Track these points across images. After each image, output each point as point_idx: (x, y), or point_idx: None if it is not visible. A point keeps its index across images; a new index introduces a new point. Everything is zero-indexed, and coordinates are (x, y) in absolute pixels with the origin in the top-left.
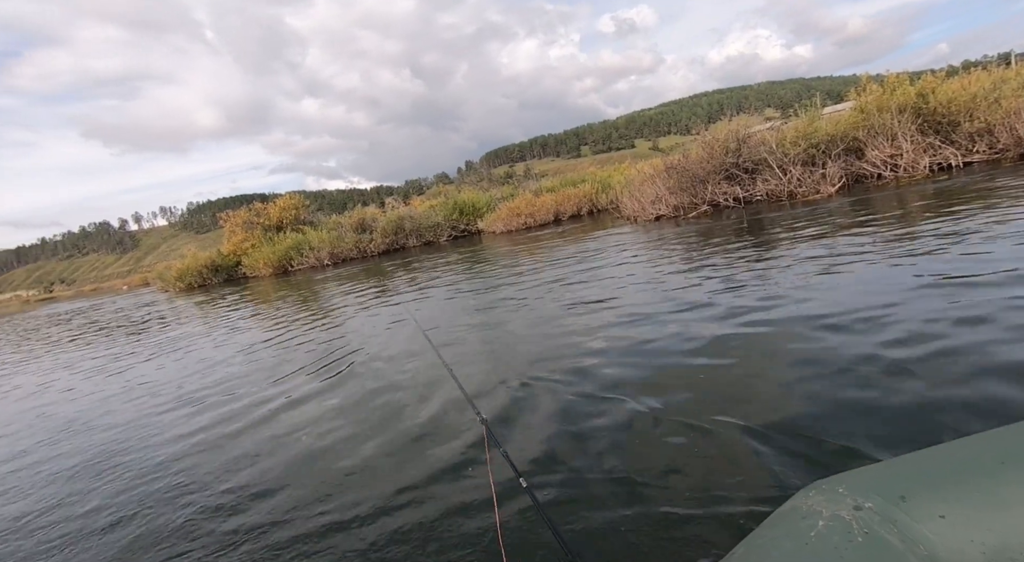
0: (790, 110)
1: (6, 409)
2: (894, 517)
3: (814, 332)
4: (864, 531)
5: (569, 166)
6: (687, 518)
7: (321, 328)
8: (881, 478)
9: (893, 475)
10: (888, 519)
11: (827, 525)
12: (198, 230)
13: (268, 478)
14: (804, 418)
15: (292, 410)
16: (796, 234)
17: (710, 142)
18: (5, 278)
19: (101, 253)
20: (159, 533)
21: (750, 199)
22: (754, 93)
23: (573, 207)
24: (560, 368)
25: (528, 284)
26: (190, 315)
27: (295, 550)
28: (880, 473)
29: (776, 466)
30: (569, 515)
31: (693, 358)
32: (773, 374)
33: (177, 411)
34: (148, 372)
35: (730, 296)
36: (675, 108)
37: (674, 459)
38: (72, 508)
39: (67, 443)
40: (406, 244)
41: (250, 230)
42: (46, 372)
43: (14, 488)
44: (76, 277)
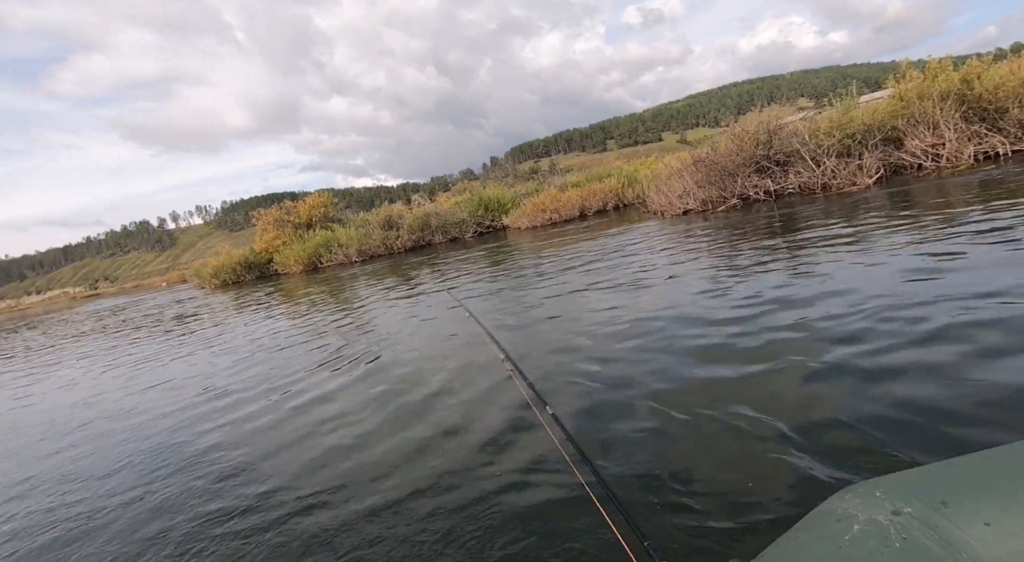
0: (824, 99)
1: (55, 401)
2: (935, 523)
3: (851, 331)
4: (902, 536)
5: (595, 161)
6: (716, 517)
7: (355, 320)
8: (921, 483)
9: (934, 480)
10: (928, 524)
11: (863, 529)
12: (232, 228)
13: (329, 457)
14: (840, 420)
15: (343, 395)
16: (830, 228)
17: (739, 134)
18: (54, 276)
19: (141, 251)
20: (221, 518)
21: (782, 192)
22: (786, 83)
23: (599, 202)
24: (585, 365)
25: (553, 280)
26: (226, 311)
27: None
28: (920, 478)
29: (811, 469)
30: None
31: (722, 355)
32: (808, 374)
33: (217, 401)
34: (198, 363)
35: (761, 291)
36: (703, 100)
37: (702, 457)
38: (124, 494)
39: (121, 432)
40: (432, 240)
41: (281, 228)
42: (94, 365)
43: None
44: (119, 274)
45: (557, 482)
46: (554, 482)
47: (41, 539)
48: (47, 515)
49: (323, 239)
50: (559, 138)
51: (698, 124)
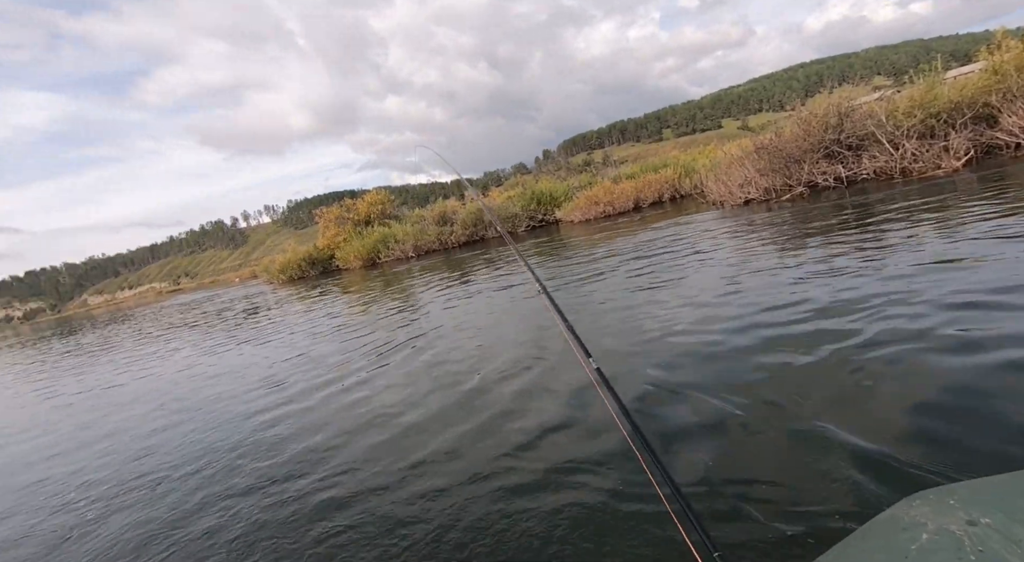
0: (904, 77)
1: (141, 385)
2: (1019, 537)
3: (929, 331)
4: (978, 549)
5: (650, 151)
6: (782, 522)
7: (414, 312)
8: (1004, 491)
9: (1016, 490)
10: (1010, 538)
11: (932, 539)
12: (297, 226)
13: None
14: (918, 425)
15: (406, 382)
16: (910, 216)
17: (807, 118)
18: (143, 272)
19: (217, 249)
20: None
21: (854, 178)
22: (860, 61)
23: (654, 193)
24: (646, 362)
25: (607, 274)
26: (291, 304)
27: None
28: (1002, 486)
29: (879, 476)
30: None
31: (788, 355)
32: (881, 377)
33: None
34: (267, 352)
35: (831, 288)
36: (767, 83)
37: (765, 460)
38: (204, 462)
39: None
40: (485, 235)
41: (342, 225)
42: (176, 355)
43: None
44: (198, 271)
45: (625, 480)
46: (622, 480)
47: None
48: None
49: (381, 235)
50: (612, 129)
51: (761, 109)
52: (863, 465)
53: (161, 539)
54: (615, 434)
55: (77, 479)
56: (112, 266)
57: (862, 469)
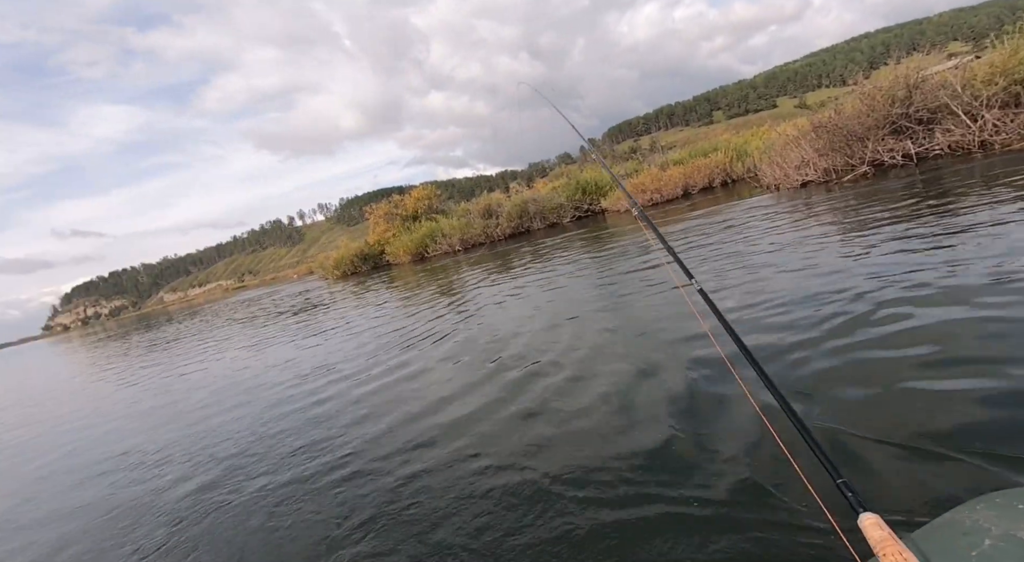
0: (985, 41)
1: (206, 377)
2: None
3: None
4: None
5: (700, 134)
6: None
7: (465, 307)
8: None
9: None
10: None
11: (995, 545)
12: (349, 223)
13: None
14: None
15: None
16: (993, 196)
17: (870, 92)
18: (211, 271)
19: (276, 246)
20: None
21: (925, 155)
22: (933, 26)
23: (704, 179)
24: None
25: (656, 265)
26: (346, 299)
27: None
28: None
29: (946, 475)
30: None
31: (858, 351)
32: (952, 372)
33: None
34: (326, 344)
35: (903, 280)
36: (826, 57)
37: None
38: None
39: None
40: (531, 227)
41: (390, 221)
42: (247, 348)
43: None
44: (259, 268)
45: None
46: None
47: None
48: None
49: (428, 230)
50: (660, 114)
51: (820, 85)
52: (930, 464)
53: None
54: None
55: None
56: (183, 265)
57: (926, 469)
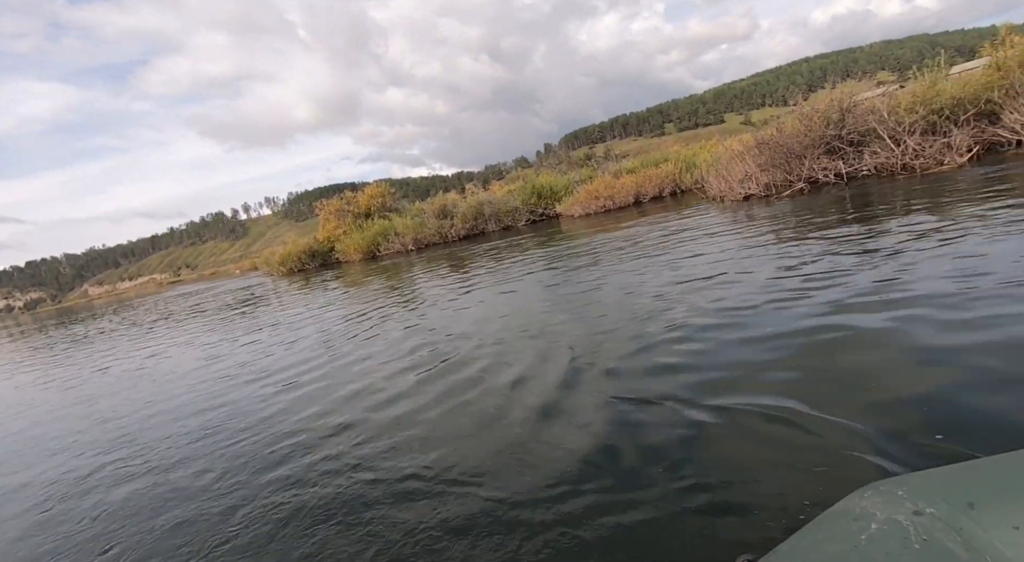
0: (908, 72)
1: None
2: (959, 525)
3: (923, 327)
4: (923, 538)
5: (652, 145)
6: (736, 509)
7: (413, 304)
8: (947, 483)
9: (961, 480)
10: (952, 527)
11: (880, 529)
12: (297, 218)
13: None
14: (903, 414)
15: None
16: (908, 212)
17: (808, 113)
18: (144, 263)
19: (218, 240)
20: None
21: (855, 174)
22: (865, 55)
23: (655, 188)
24: (648, 356)
25: (609, 271)
26: (291, 296)
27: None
28: (946, 477)
29: (852, 463)
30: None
31: (781, 349)
32: (868, 369)
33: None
34: (262, 345)
35: (827, 282)
36: (771, 77)
37: (743, 449)
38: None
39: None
40: (485, 229)
41: (342, 218)
42: (166, 348)
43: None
44: (198, 262)
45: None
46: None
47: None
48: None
49: (381, 228)
50: (615, 123)
51: (764, 104)
52: (840, 451)
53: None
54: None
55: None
56: (113, 257)
57: (836, 458)
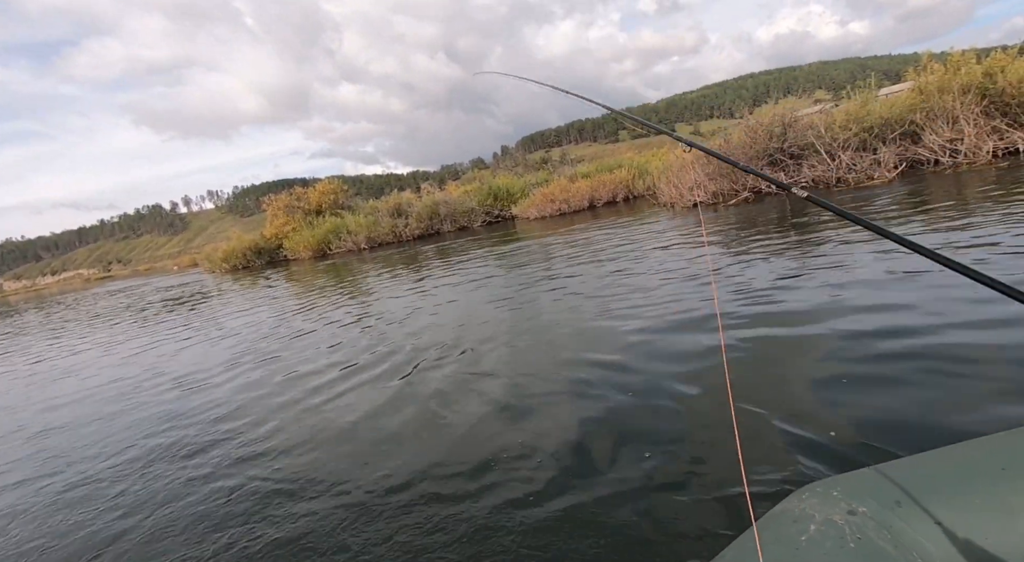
0: (842, 92)
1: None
2: (889, 523)
3: (848, 327)
4: (857, 537)
5: (606, 151)
6: (687, 511)
7: (370, 297)
8: (876, 482)
9: (889, 479)
10: (882, 524)
11: (818, 530)
12: (243, 213)
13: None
14: (825, 414)
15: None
16: (840, 223)
17: (753, 127)
18: (69, 257)
19: (154, 234)
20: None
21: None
22: (804, 74)
23: (608, 193)
24: (594, 358)
25: (556, 272)
26: (233, 294)
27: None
28: (876, 477)
29: (789, 462)
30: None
31: (714, 349)
32: (798, 369)
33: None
34: (197, 345)
35: (764, 284)
36: (719, 90)
37: (684, 449)
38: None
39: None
40: (441, 229)
41: (291, 214)
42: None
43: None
44: (132, 257)
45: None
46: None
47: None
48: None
49: (332, 226)
50: (571, 128)
51: (712, 115)
52: (774, 452)
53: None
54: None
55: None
56: (33, 250)
57: (772, 457)
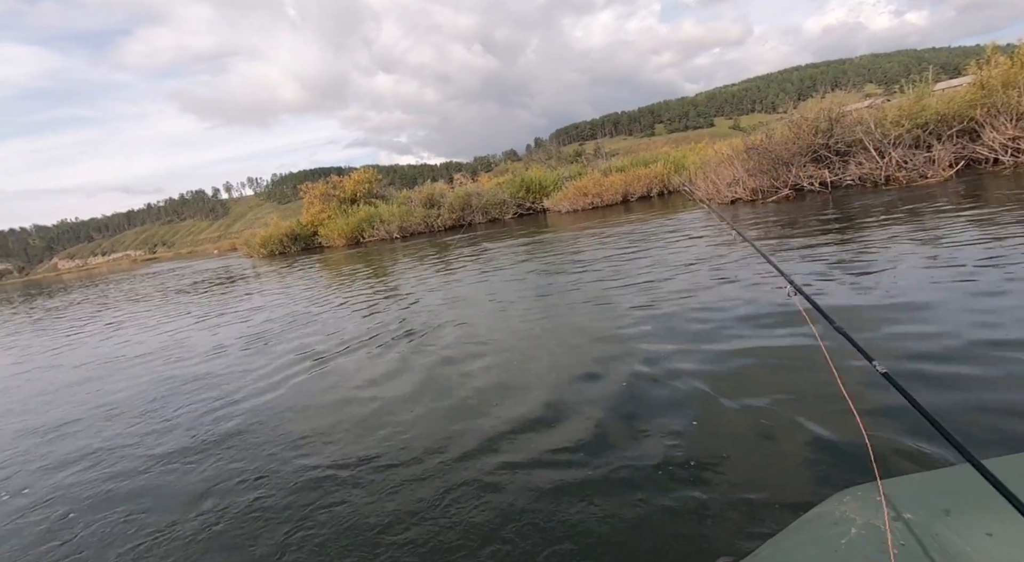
0: (895, 86)
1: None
2: (936, 531)
3: (891, 329)
4: (900, 542)
5: (642, 145)
6: (717, 511)
7: (398, 291)
8: (924, 489)
9: (938, 486)
10: (928, 532)
11: (859, 533)
12: (280, 200)
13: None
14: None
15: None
16: (887, 222)
17: (797, 121)
18: (118, 239)
19: (196, 219)
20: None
21: (839, 183)
22: (854, 67)
23: (643, 188)
24: (625, 353)
25: (591, 269)
26: (273, 277)
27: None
28: (923, 483)
29: (828, 465)
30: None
31: (761, 352)
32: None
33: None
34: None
35: (810, 288)
36: (761, 84)
37: (722, 449)
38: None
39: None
40: (472, 220)
41: (327, 202)
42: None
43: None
44: (175, 240)
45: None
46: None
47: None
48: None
49: (366, 214)
50: (606, 121)
51: (754, 110)
52: (817, 454)
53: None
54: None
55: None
56: (85, 230)
57: (814, 459)
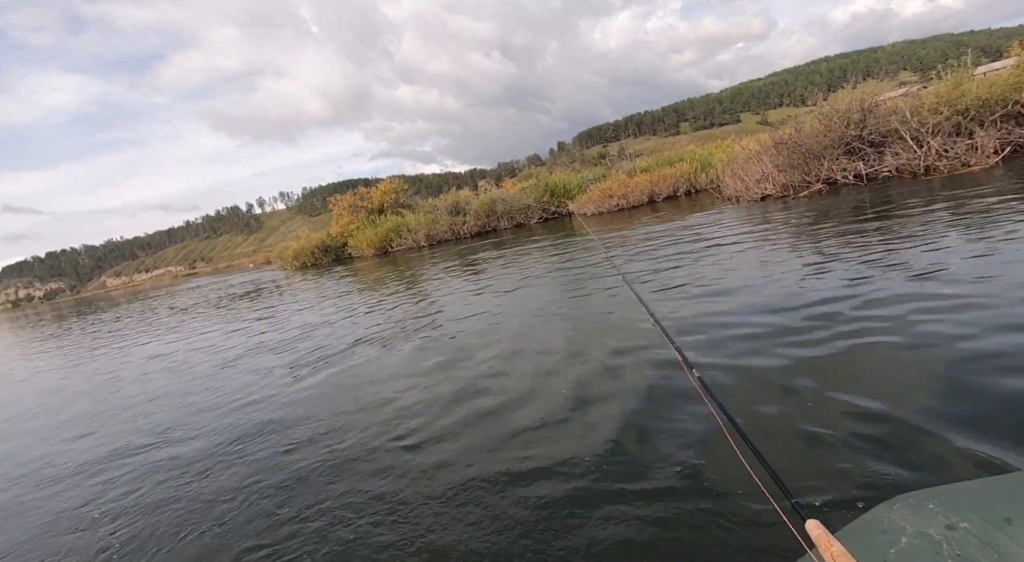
0: (932, 72)
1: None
2: (995, 541)
3: (949, 330)
4: (956, 553)
5: (666, 144)
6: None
7: (427, 299)
8: (982, 496)
9: (997, 495)
10: (988, 542)
11: (911, 542)
12: (311, 213)
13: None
14: (920, 420)
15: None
16: (929, 213)
17: (828, 113)
18: (160, 256)
19: (232, 234)
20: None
21: (875, 176)
22: (886, 55)
23: (669, 187)
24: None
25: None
26: (307, 289)
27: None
28: (981, 491)
29: (874, 466)
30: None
31: (804, 348)
32: (889, 374)
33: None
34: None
35: (850, 287)
36: (788, 77)
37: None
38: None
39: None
40: (498, 226)
41: (355, 213)
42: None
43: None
44: (213, 255)
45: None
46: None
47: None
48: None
49: (394, 224)
50: (629, 122)
51: (781, 104)
52: (861, 455)
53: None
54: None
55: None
56: (130, 249)
57: (859, 460)
